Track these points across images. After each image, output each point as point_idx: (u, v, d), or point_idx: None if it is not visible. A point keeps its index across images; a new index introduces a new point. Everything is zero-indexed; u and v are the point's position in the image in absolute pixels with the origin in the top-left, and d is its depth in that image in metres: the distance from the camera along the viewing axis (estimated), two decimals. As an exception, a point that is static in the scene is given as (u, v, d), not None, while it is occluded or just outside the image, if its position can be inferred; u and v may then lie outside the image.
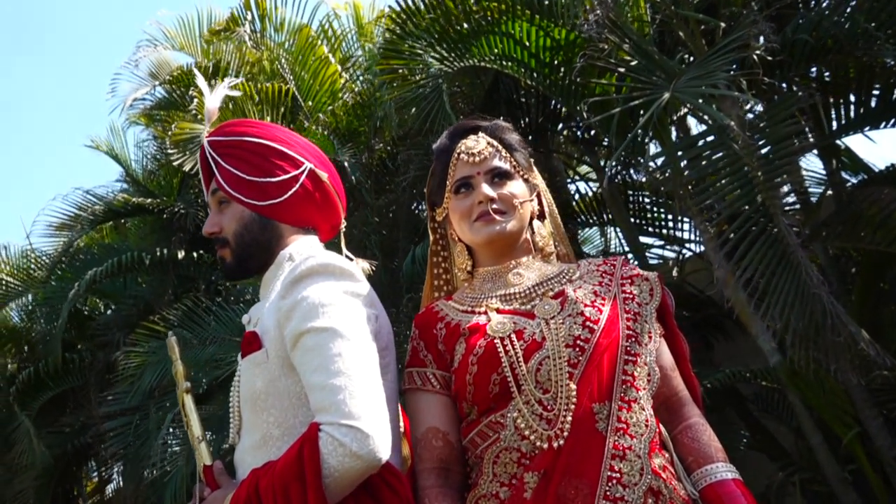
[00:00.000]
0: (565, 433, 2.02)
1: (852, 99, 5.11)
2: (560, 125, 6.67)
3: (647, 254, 7.13)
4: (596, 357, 2.09)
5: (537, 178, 2.42)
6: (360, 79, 8.04)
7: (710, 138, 4.56)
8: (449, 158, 2.33)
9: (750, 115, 4.85)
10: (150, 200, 8.00)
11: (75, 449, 8.38)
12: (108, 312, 8.76)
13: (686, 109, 5.52)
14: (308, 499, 1.90)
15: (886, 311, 5.46)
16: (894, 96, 5.07)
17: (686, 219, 6.30)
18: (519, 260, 2.31)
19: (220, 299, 7.15)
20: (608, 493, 1.97)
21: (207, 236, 2.42)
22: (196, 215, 7.69)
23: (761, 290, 4.27)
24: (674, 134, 5.98)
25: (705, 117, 4.48)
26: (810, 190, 6.17)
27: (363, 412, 1.95)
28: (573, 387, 2.05)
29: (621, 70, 4.56)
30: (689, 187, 4.71)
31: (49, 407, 8.29)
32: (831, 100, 5.13)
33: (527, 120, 6.49)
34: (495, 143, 2.33)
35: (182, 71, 8.21)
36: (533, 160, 2.46)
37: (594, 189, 7.33)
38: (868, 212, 4.92)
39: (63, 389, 8.18)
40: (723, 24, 4.74)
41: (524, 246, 2.33)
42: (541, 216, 2.42)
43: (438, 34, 5.15)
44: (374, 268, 2.61)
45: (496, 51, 5.26)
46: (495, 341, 2.12)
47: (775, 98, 4.91)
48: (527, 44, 5.22)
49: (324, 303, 2.07)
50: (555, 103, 6.05)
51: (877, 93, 5.11)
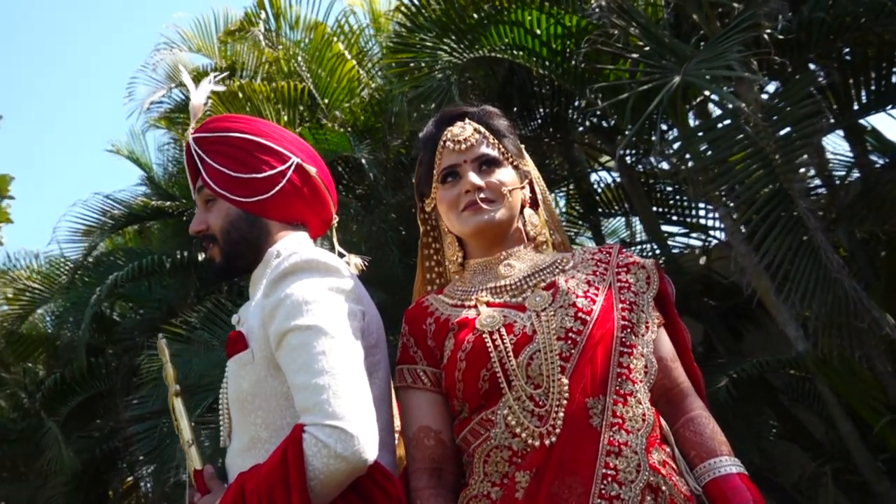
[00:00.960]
0: (557, 430, 1.94)
1: (873, 77, 4.95)
2: (578, 115, 6.54)
3: (671, 242, 7.02)
4: (589, 349, 2.00)
5: (529, 165, 2.33)
6: (379, 74, 7.97)
7: (727, 122, 4.44)
8: (435, 147, 2.26)
9: (765, 97, 4.71)
10: (169, 203, 8.00)
11: (104, 453, 8.41)
12: (136, 317, 8.77)
13: (706, 94, 5.41)
14: (292, 502, 1.85)
15: (916, 296, 5.30)
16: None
17: (707, 206, 6.15)
18: (510, 250, 2.23)
19: (241, 301, 7.10)
20: (603, 491, 1.88)
21: (194, 235, 2.37)
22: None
23: (781, 275, 4.15)
24: (695, 120, 5.86)
25: (723, 101, 4.34)
26: (836, 173, 6.01)
27: (347, 412, 1.89)
28: (565, 381, 1.97)
29: (628, 55, 4.45)
30: (707, 173, 4.59)
31: (78, 412, 8.33)
32: (851, 80, 4.97)
33: (544, 110, 6.37)
34: (482, 129, 2.25)
35: (199, 72, 8.19)
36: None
37: (616, 179, 7.22)
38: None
39: (91, 394, 8.22)
40: (737, 6, 4.61)
41: (516, 235, 2.25)
42: (533, 204, 2.33)
43: (447, 25, 5.06)
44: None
45: (506, 40, 5.17)
46: (484, 336, 2.04)
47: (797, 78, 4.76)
48: (537, 32, 5.12)
49: (307, 300, 2.02)
50: (571, 92, 5.93)
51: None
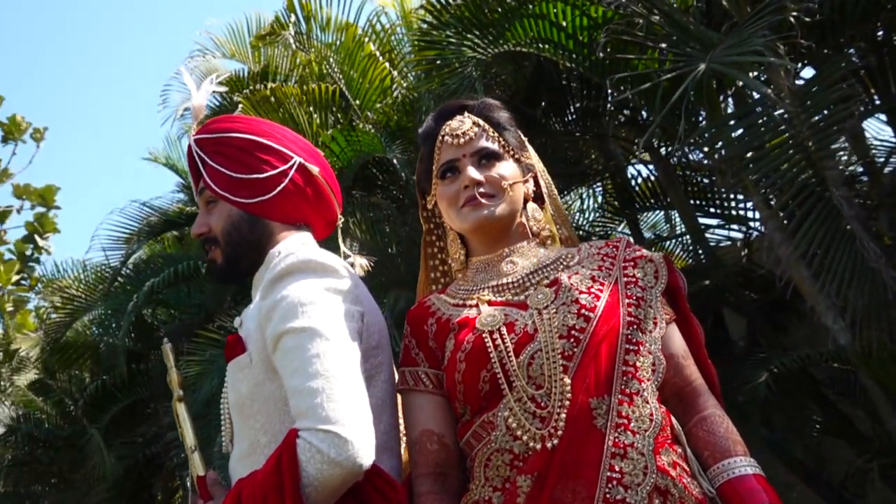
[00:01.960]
0: (560, 432, 1.86)
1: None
2: (611, 108, 6.42)
3: (711, 235, 6.88)
4: (592, 348, 1.93)
5: (532, 158, 2.26)
6: (411, 74, 7.92)
7: (758, 109, 4.32)
8: (434, 142, 2.19)
9: (801, 83, 4.57)
10: (204, 209, 7.99)
11: (147, 459, 8.47)
12: (176, 322, 8.83)
13: (740, 83, 5.27)
14: None
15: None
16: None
17: (738, 195, 6.00)
18: (513, 247, 2.15)
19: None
20: (608, 495, 1.80)
21: (196, 238, 2.34)
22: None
23: (817, 265, 4.02)
24: (735, 108, 5.71)
25: (750, 88, 4.21)
26: (879, 159, 5.83)
27: (342, 416, 1.84)
28: (567, 381, 1.89)
29: (650, 44, 4.34)
30: (739, 161, 4.46)
31: (121, 418, 8.39)
32: (889, 62, 4.81)
33: (574, 105, 6.26)
34: (481, 122, 2.18)
35: (232, 78, 8.21)
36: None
37: (653, 172, 7.09)
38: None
39: (133, 400, 8.28)
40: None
41: (519, 231, 2.18)
42: (538, 199, 2.26)
43: (470, 21, 4.99)
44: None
45: (532, 34, 5.09)
46: (484, 336, 1.98)
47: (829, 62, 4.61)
48: (563, 24, 5.03)
49: (303, 301, 1.97)
50: (601, 85, 5.81)
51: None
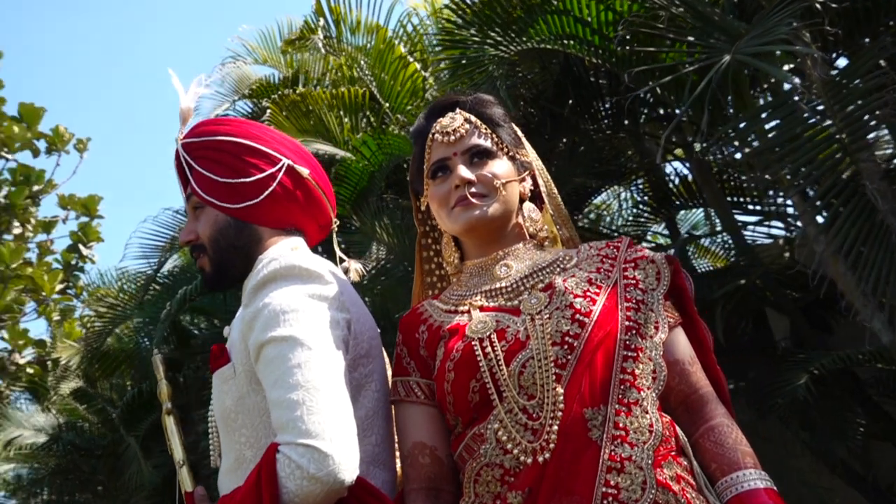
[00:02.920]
0: (551, 445, 1.75)
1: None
2: (648, 104, 6.27)
3: (751, 233, 6.69)
4: (587, 355, 1.81)
5: (530, 156, 2.14)
6: (441, 74, 7.84)
7: (792, 101, 4.16)
8: (425, 140, 2.09)
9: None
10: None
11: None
12: (213, 329, 8.84)
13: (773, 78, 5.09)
14: None
15: None
16: None
17: (776, 191, 5.82)
18: (508, 249, 2.04)
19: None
20: (603, 512, 1.69)
21: (183, 246, 2.27)
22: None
23: (852, 261, 3.85)
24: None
25: (776, 79, 4.06)
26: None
27: (323, 429, 1.76)
28: (560, 390, 1.78)
29: (671, 36, 4.20)
30: (770, 155, 4.30)
31: (159, 426, 8.39)
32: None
33: (603, 103, 6.12)
34: (473, 118, 2.07)
35: (262, 83, 8.21)
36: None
37: (687, 170, 6.92)
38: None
39: (171, 408, 8.26)
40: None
41: (514, 232, 2.07)
42: (536, 198, 2.15)
43: (489, 17, 4.88)
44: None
45: (555, 31, 4.97)
46: (473, 343, 1.87)
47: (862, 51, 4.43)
48: (587, 20, 4.90)
49: (285, 309, 1.89)
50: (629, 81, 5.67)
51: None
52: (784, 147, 4.16)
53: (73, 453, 9.60)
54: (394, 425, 2.10)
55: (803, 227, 4.27)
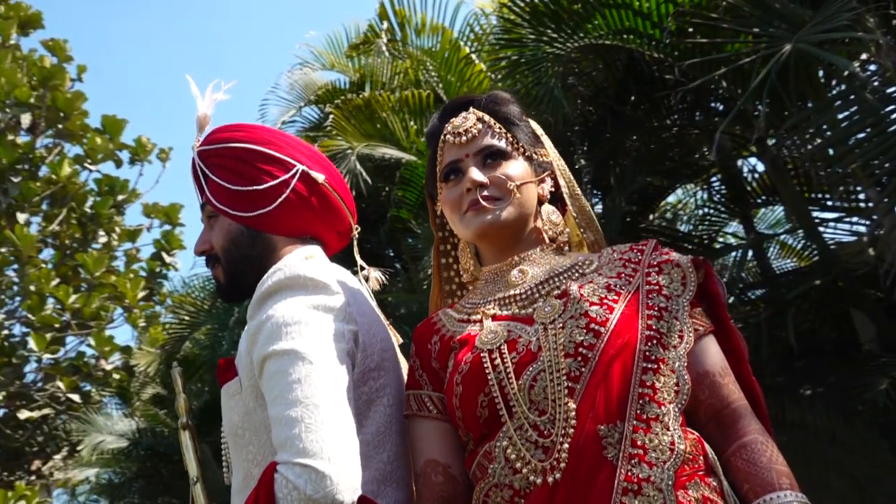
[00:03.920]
0: (562, 464, 1.63)
1: None
2: (711, 100, 6.05)
3: (831, 230, 6.39)
4: (602, 367, 1.68)
5: (550, 155, 2.02)
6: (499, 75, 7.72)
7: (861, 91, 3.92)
8: (438, 142, 1.99)
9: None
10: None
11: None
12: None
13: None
14: None
15: None
16: None
17: (855, 186, 5.53)
18: (524, 254, 1.93)
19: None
20: (618, 537, 1.56)
21: (198, 255, 2.21)
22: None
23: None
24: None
25: (837, 67, 3.83)
26: None
27: (321, 448, 1.67)
28: (572, 405, 1.66)
29: (725, 26, 4.00)
30: (843, 148, 4.08)
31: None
32: None
33: (669, 99, 5.90)
34: (487, 118, 1.96)
35: (328, 88, 8.21)
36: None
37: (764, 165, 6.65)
38: None
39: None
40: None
41: (532, 237, 1.95)
42: (556, 200, 2.02)
43: (543, 14, 4.74)
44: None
45: (613, 25, 4.80)
46: (482, 355, 1.76)
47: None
48: (646, 12, 4.73)
49: (288, 322, 1.81)
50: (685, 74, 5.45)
51: None
52: (858, 139, 3.94)
53: (152, 458, 9.75)
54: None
55: (878, 220, 4.01)
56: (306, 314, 1.83)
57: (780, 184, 5.98)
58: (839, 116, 4.14)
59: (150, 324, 13.42)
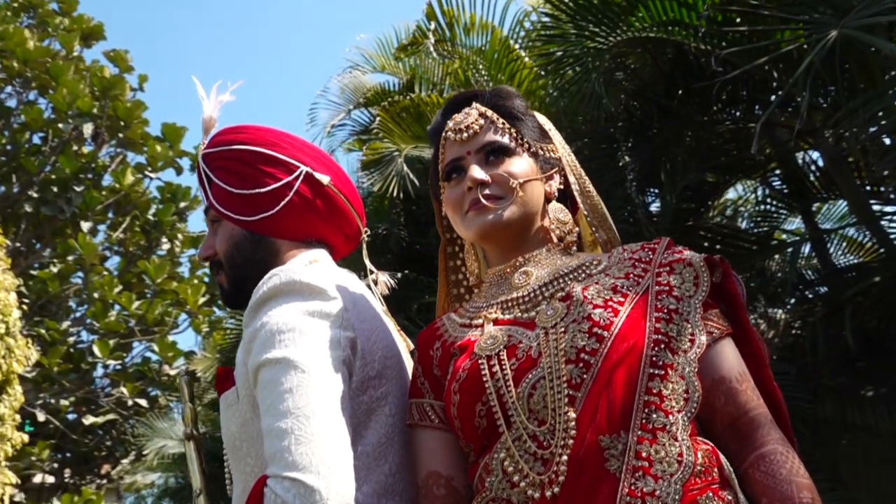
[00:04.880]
0: (561, 477, 1.53)
1: None
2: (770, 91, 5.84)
3: (893, 223, 6.13)
4: (604, 373, 1.58)
5: (559, 151, 1.92)
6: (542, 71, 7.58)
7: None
8: (440, 139, 1.91)
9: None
10: (355, 225, 7.97)
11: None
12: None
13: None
14: None
15: None
16: None
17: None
18: (529, 255, 1.83)
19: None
20: (620, 555, 1.46)
21: (202, 261, 2.17)
22: (398, 235, 7.54)
23: None
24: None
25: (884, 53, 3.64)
26: None
27: (311, 461, 1.60)
28: (572, 415, 1.56)
29: (765, 12, 3.84)
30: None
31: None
32: None
33: (725, 93, 5.71)
34: (490, 113, 1.87)
35: (377, 91, 8.17)
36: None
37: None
38: None
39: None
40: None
41: (538, 237, 1.85)
42: (566, 198, 1.92)
43: (585, 8, 4.62)
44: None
45: (657, 17, 4.65)
46: (480, 362, 1.67)
47: None
48: (690, 2, 4.57)
49: (281, 329, 1.75)
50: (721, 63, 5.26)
51: None
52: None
53: (212, 462, 9.81)
54: None
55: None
56: (301, 321, 1.76)
57: (838, 177, 5.76)
58: (896, 104, 3.95)
59: (214, 329, 13.58)
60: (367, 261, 2.20)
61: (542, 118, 1.96)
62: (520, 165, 1.83)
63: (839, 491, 4.71)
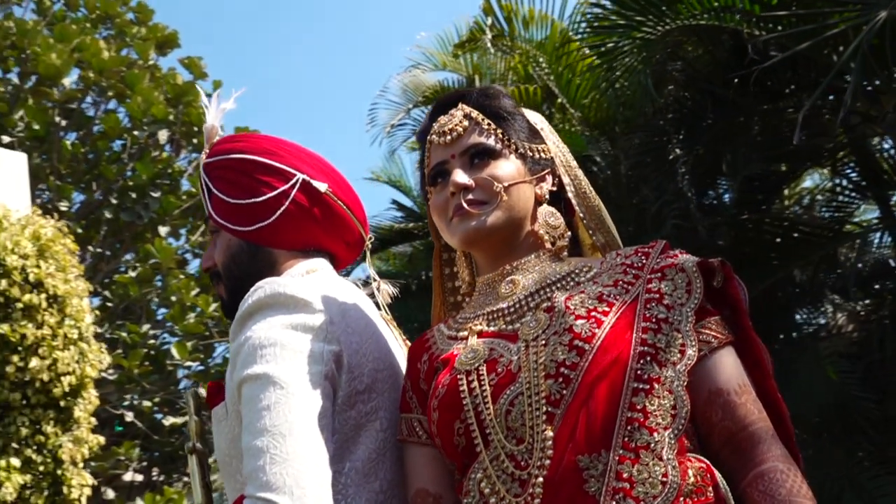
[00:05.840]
0: (536, 500, 1.45)
1: None
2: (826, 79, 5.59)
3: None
4: (584, 389, 1.49)
5: (551, 150, 1.82)
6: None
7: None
8: (425, 142, 1.84)
9: None
10: (412, 225, 7.96)
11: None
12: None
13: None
14: None
15: None
16: None
17: None
18: (516, 262, 1.74)
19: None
20: (598, 584, 1.37)
21: (204, 272, 2.15)
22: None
23: None
24: None
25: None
26: None
27: (283, 482, 1.56)
28: (549, 433, 1.48)
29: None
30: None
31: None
32: None
33: (776, 81, 5.49)
34: (475, 114, 1.78)
35: (437, 88, 8.12)
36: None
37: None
38: None
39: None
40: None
41: (528, 242, 1.76)
42: (559, 200, 1.83)
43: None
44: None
45: (707, 4, 4.47)
46: (459, 377, 1.60)
47: None
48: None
49: (263, 344, 1.71)
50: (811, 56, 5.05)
51: None
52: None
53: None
54: None
55: None
56: (282, 335, 1.71)
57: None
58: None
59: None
60: (370, 268, 2.14)
61: (534, 117, 1.87)
62: (505, 168, 1.74)
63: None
